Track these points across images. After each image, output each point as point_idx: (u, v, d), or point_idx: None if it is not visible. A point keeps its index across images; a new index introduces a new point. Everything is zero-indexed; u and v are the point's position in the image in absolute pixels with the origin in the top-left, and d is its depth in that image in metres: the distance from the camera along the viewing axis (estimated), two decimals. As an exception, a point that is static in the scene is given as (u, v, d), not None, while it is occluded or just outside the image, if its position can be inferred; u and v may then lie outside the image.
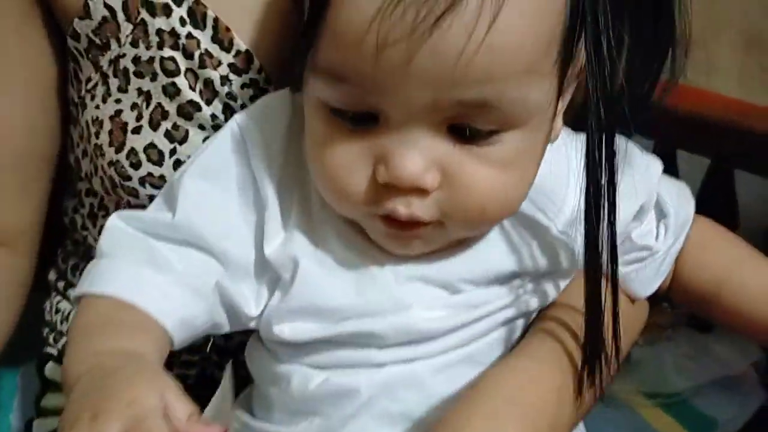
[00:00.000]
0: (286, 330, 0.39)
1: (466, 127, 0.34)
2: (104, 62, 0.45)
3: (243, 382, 0.46)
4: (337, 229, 0.39)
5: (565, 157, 0.42)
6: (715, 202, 0.76)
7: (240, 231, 0.40)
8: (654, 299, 0.48)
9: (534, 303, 0.43)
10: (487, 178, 0.36)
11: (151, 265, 0.38)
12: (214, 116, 0.45)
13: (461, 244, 0.40)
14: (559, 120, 0.40)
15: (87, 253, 0.55)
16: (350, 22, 0.32)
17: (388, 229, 0.37)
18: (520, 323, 0.44)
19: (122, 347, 0.34)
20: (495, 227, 0.41)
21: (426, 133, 0.34)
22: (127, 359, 0.32)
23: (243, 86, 0.45)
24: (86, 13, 0.45)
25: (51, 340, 0.56)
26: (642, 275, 0.45)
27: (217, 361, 0.51)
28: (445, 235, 0.38)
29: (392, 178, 0.34)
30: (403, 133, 0.34)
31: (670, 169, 0.75)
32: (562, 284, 0.44)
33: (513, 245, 0.41)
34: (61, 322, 0.55)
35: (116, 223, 0.40)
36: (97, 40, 0.45)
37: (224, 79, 0.45)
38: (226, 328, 0.41)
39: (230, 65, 0.45)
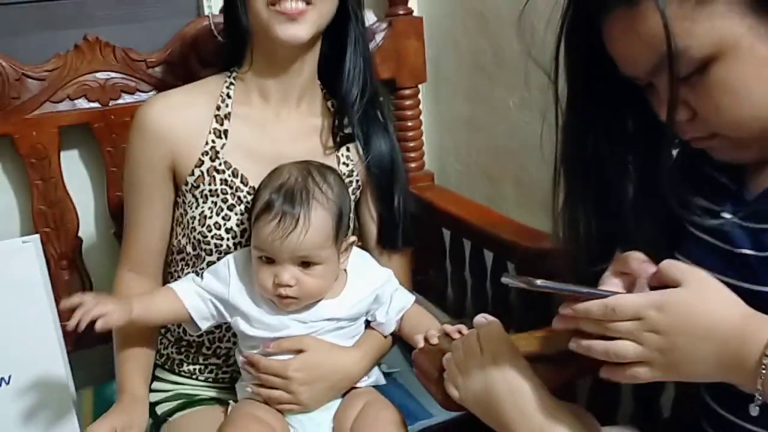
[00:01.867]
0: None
1: (305, 262, 0.87)
2: (197, 193, 0.97)
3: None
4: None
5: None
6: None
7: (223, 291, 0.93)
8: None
9: (351, 321, 0.96)
10: (313, 283, 0.89)
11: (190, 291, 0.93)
12: (241, 211, 0.97)
13: (314, 305, 0.92)
14: (343, 261, 0.93)
15: None
16: (263, 233, 0.86)
17: (281, 301, 0.88)
18: (348, 329, 0.96)
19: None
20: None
21: (290, 266, 0.87)
22: None
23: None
24: (192, 174, 0.97)
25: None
26: (383, 327, 0.98)
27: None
28: (302, 302, 0.89)
29: (280, 282, 0.87)
30: (283, 266, 0.87)
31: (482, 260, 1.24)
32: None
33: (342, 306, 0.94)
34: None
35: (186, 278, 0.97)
36: (194, 183, 0.97)
37: (245, 197, 0.98)
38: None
39: (248, 192, 0.97)
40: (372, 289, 0.96)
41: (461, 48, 1.40)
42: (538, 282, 0.62)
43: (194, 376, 1.04)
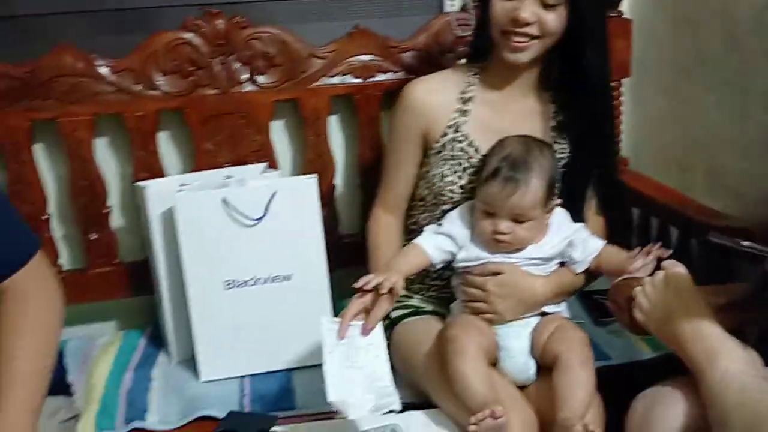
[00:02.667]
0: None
1: (519, 220, 1.13)
2: (440, 157, 1.25)
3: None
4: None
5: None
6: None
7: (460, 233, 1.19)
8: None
9: (546, 261, 1.19)
10: (524, 234, 1.14)
11: (429, 239, 1.21)
12: (472, 173, 1.24)
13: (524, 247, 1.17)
14: (548, 218, 1.17)
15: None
16: (490, 193, 1.14)
17: (496, 244, 1.14)
18: (543, 266, 1.19)
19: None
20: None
21: (507, 220, 1.13)
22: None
23: None
24: (438, 142, 1.25)
25: None
26: (576, 266, 1.20)
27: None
28: (512, 247, 1.15)
29: (497, 231, 1.15)
30: (501, 219, 1.13)
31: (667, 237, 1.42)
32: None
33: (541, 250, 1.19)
34: None
35: (426, 230, 1.24)
36: (438, 149, 1.25)
37: (476, 163, 1.24)
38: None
39: (479, 159, 1.23)
40: (565, 236, 1.19)
41: (665, 48, 1.56)
42: (745, 243, 0.77)
43: (422, 293, 1.34)
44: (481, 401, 1.00)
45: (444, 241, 1.20)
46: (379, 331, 1.09)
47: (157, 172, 1.46)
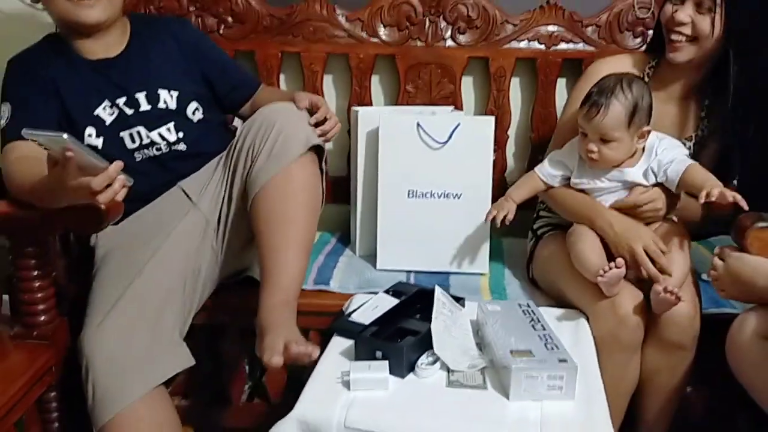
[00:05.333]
0: None
1: (604, 139, 1.33)
2: None
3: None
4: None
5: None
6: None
7: (571, 159, 1.42)
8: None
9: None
10: (608, 153, 1.34)
11: (543, 167, 1.46)
12: None
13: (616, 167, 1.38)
14: (638, 143, 1.35)
15: None
16: (580, 115, 1.37)
17: (589, 161, 1.38)
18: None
19: None
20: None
21: (595, 141, 1.34)
22: None
23: None
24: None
25: None
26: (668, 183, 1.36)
27: None
28: (602, 165, 1.37)
29: (588, 153, 1.36)
30: (590, 139, 1.34)
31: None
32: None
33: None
34: None
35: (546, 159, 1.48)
36: None
37: None
38: None
39: None
40: (653, 157, 1.36)
41: None
42: None
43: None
44: (598, 268, 1.27)
45: (555, 166, 1.44)
46: (467, 320, 1.32)
47: (367, 105, 1.82)
